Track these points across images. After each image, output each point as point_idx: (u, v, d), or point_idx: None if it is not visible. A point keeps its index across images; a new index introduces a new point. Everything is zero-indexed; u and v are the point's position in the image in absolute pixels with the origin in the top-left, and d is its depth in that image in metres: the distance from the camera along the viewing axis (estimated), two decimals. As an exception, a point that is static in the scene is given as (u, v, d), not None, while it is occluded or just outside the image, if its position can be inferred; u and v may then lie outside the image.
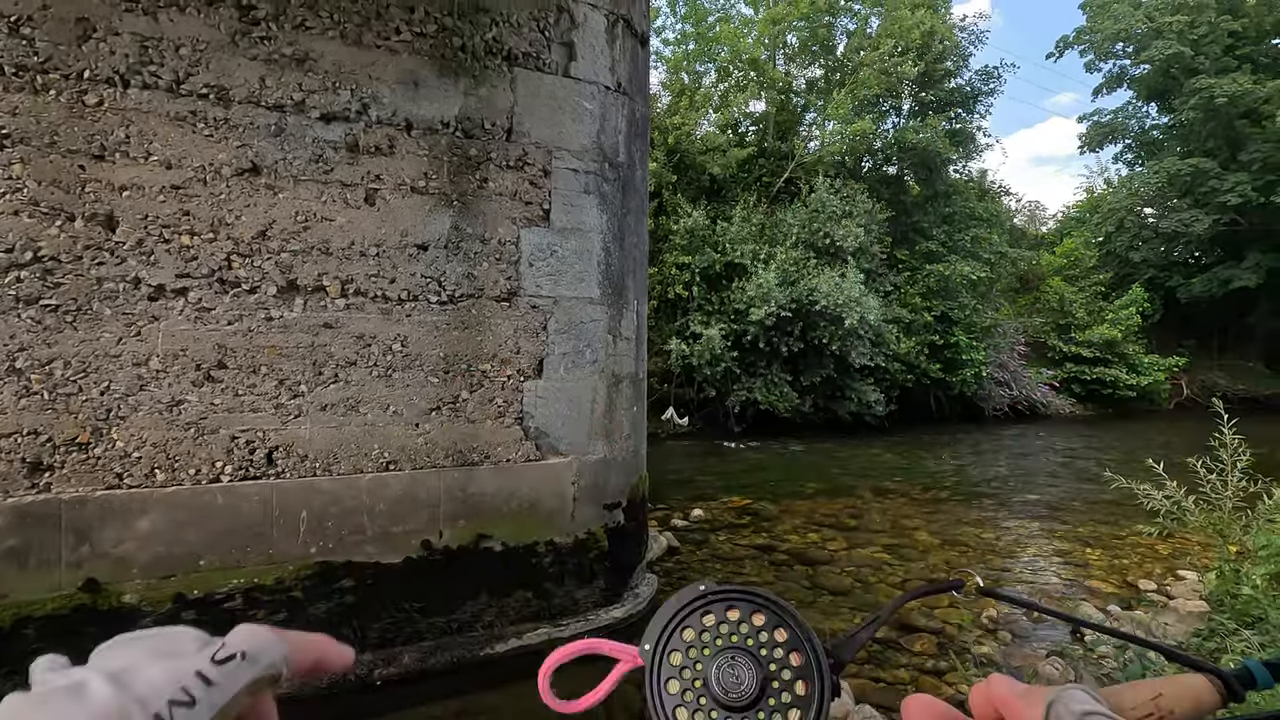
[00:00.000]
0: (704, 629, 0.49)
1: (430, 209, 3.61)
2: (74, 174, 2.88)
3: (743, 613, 0.49)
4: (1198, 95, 23.28)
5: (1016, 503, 8.15)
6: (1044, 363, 19.88)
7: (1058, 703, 0.38)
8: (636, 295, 4.54)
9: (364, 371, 3.45)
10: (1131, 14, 25.54)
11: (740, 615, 0.49)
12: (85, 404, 2.91)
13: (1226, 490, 4.01)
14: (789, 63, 18.51)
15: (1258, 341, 25.05)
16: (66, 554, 2.87)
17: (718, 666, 0.47)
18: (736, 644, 0.48)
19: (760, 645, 0.48)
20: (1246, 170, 22.92)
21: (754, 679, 0.46)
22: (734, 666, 0.47)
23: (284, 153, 3.27)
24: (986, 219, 18.73)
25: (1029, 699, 0.40)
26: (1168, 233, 24.27)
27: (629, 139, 4.39)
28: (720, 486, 8.48)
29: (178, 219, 3.06)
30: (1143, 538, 5.75)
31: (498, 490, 3.79)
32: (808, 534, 6.44)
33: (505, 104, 3.81)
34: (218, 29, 3.12)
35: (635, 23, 4.44)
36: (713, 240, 14.11)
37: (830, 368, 13.95)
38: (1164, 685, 0.51)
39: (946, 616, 4.42)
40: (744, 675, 0.46)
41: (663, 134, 14.74)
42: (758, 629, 0.49)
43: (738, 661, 0.47)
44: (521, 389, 3.86)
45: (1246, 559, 3.81)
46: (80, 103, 2.89)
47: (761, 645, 0.48)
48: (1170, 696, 0.50)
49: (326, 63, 3.35)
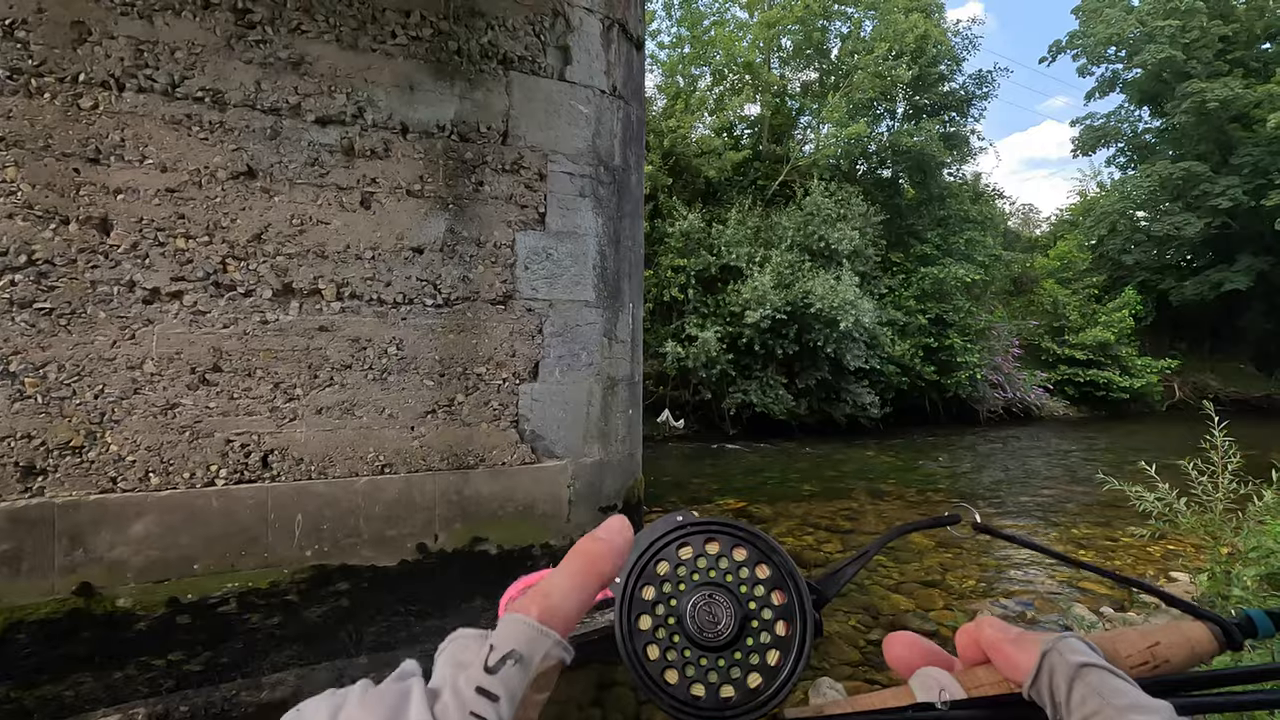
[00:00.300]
0: (680, 562, 0.45)
1: (426, 212, 3.62)
2: (69, 177, 2.88)
3: (723, 546, 0.46)
4: (1189, 99, 23.47)
5: (1011, 505, 8.18)
6: (1038, 365, 19.97)
7: (1053, 651, 0.36)
8: (632, 298, 4.55)
9: (360, 374, 3.45)
10: (1124, 18, 25.74)
11: (720, 549, 0.46)
12: (79, 407, 2.90)
13: (1218, 492, 4.03)
14: (783, 66, 18.58)
15: (1249, 344, 25.23)
16: (60, 558, 2.86)
17: (693, 604, 0.43)
18: (715, 579, 0.45)
19: (740, 582, 0.45)
20: (1237, 174, 23.12)
21: (732, 617, 0.43)
22: (711, 604, 0.43)
23: (279, 156, 3.27)
24: (980, 222, 18.83)
25: (1020, 645, 0.38)
26: (1160, 236, 24.44)
27: (624, 142, 4.41)
28: (716, 489, 8.49)
29: (173, 222, 3.06)
30: (1135, 539, 5.78)
31: (493, 493, 3.79)
32: (803, 536, 6.45)
33: (501, 107, 3.82)
34: (213, 32, 3.12)
35: (630, 27, 4.45)
36: (708, 243, 14.14)
37: (825, 370, 13.99)
38: (1160, 632, 0.49)
39: (941, 619, 4.44)
40: (721, 613, 0.43)
41: (658, 137, 14.77)
42: (738, 564, 0.45)
43: (715, 599, 0.44)
44: (517, 392, 3.86)
45: (1237, 560, 3.83)
46: (75, 106, 2.88)
47: (742, 582, 0.45)
48: (1166, 644, 0.48)
49: (322, 66, 3.36)
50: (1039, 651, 0.36)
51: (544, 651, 0.29)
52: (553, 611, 0.30)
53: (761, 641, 0.43)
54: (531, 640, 0.29)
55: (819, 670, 3.69)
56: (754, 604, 0.44)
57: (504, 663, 0.28)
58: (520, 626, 0.29)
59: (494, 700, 0.27)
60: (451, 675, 0.28)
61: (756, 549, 0.46)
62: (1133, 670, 0.46)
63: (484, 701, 0.27)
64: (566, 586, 0.32)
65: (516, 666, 0.28)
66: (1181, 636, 0.49)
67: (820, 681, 3.51)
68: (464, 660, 0.29)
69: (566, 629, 0.31)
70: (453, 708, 0.27)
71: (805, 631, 0.43)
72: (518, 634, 0.29)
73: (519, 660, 0.28)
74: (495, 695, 0.27)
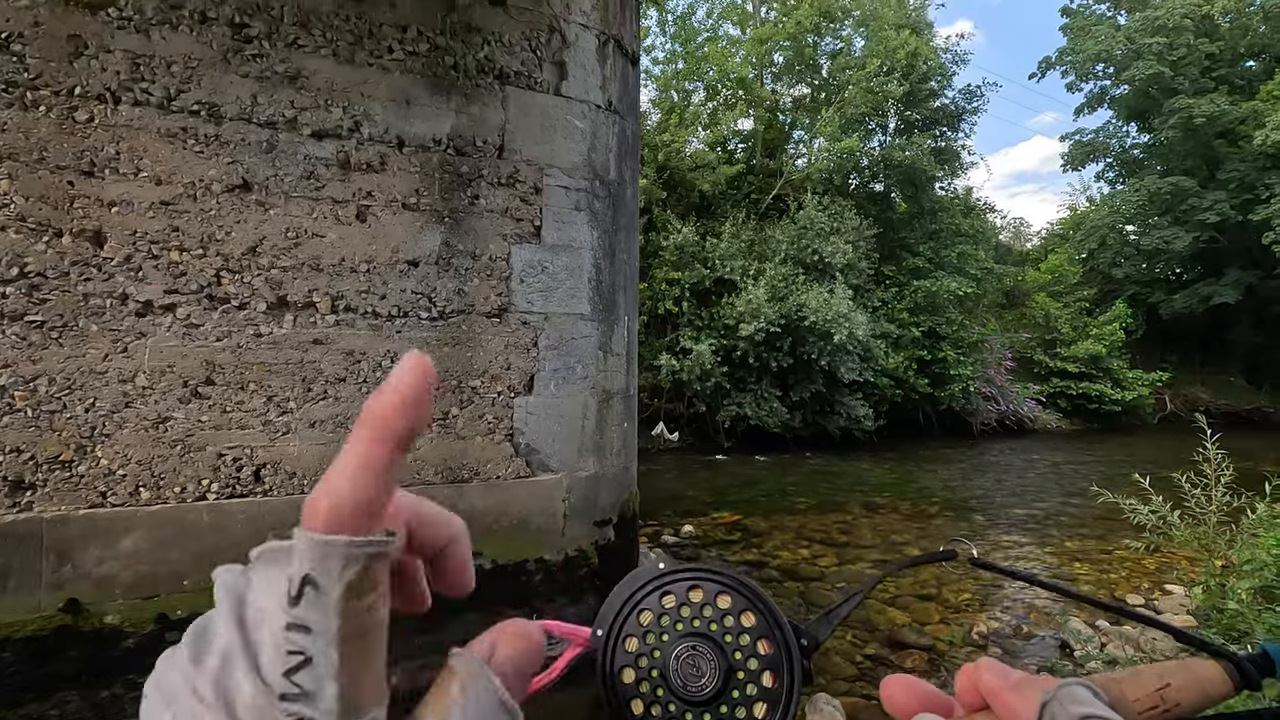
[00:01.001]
0: (663, 611, 0.44)
1: (421, 226, 3.62)
2: (63, 190, 2.87)
3: (707, 594, 0.44)
4: (1176, 115, 23.81)
5: (1004, 517, 8.19)
6: (1030, 378, 20.07)
7: (1054, 702, 0.34)
8: (627, 311, 4.56)
9: (354, 388, 3.44)
10: (1112, 35, 26.15)
11: (704, 597, 0.44)
12: (69, 421, 2.88)
13: (1211, 505, 4.05)
14: (776, 81, 18.77)
15: (1238, 357, 25.43)
16: (48, 574, 2.82)
17: (677, 656, 0.42)
18: (699, 629, 0.43)
19: (725, 631, 0.43)
20: (1224, 188, 23.41)
21: (716, 669, 0.42)
22: (695, 656, 0.42)
23: (275, 169, 3.27)
24: (972, 235, 19.00)
25: (1021, 692, 0.36)
26: (1149, 250, 24.69)
27: (620, 156, 4.43)
28: (710, 502, 8.46)
29: (167, 235, 3.05)
30: (1129, 552, 5.80)
31: (487, 507, 3.77)
32: (798, 550, 6.43)
33: (497, 122, 3.84)
34: (210, 46, 3.13)
35: (626, 42, 4.49)
36: (702, 256, 14.21)
37: (819, 383, 14.02)
38: (1171, 673, 0.46)
39: (937, 633, 4.42)
40: (705, 666, 0.42)
41: (653, 151, 14.88)
42: (723, 612, 0.44)
43: (699, 650, 0.42)
44: (512, 405, 3.85)
45: (1231, 573, 3.84)
46: (70, 119, 2.88)
47: (727, 631, 0.43)
48: (1177, 686, 0.45)
49: (319, 80, 3.37)
50: (1039, 701, 0.34)
51: (339, 565, 0.26)
52: (339, 510, 0.26)
53: (748, 694, 0.42)
54: (321, 558, 0.26)
55: (817, 687, 3.67)
56: (739, 654, 0.43)
57: (302, 592, 0.25)
58: (305, 545, 0.26)
59: (308, 632, 0.25)
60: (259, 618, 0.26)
61: (742, 596, 0.44)
62: (1141, 715, 0.43)
63: (298, 635, 0.25)
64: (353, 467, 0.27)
65: (316, 592, 0.25)
66: (1193, 677, 0.46)
67: (818, 698, 3.49)
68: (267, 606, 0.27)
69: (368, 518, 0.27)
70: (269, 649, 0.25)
71: (793, 683, 0.42)
72: (306, 555, 0.26)
73: (314, 584, 0.25)
74: (307, 626, 0.25)
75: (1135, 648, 3.81)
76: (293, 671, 0.25)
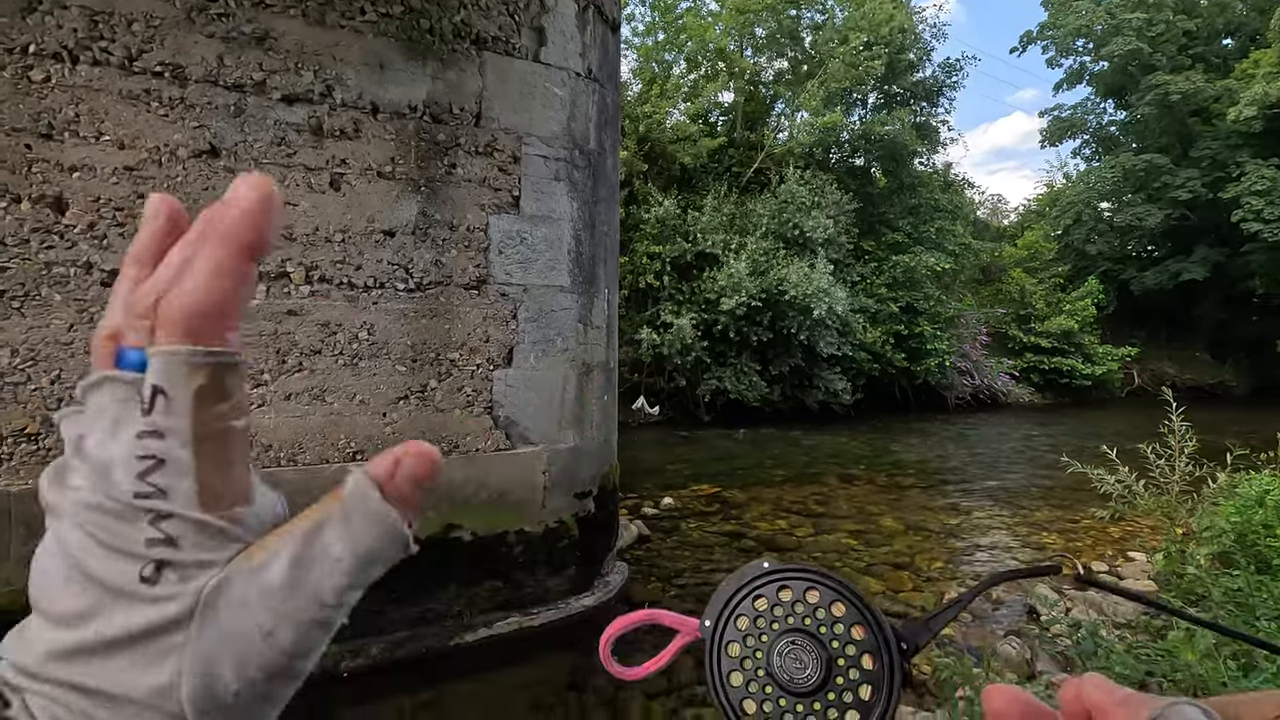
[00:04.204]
0: (758, 614, 0.47)
1: (397, 195, 3.55)
2: (19, 153, 2.76)
3: (795, 591, 0.47)
4: (1153, 92, 23.99)
5: (977, 489, 8.37)
6: (1005, 353, 20.39)
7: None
8: (607, 284, 4.53)
9: (329, 360, 3.39)
10: (1093, 9, 26.15)
11: (794, 595, 0.47)
12: (34, 393, 2.80)
13: (1174, 475, 4.18)
14: (757, 54, 18.55)
15: (1204, 333, 26.04)
16: (17, 548, 2.77)
17: (779, 653, 0.45)
18: (794, 625, 0.46)
19: (819, 623, 0.46)
20: (1196, 166, 23.74)
21: (818, 660, 0.44)
22: (795, 650, 0.45)
23: (244, 134, 3.18)
24: (950, 211, 19.10)
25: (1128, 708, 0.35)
26: (1122, 226, 25.03)
27: (599, 126, 4.36)
28: (690, 475, 8.54)
29: (132, 201, 2.95)
30: (1096, 521, 5.97)
31: (467, 480, 3.76)
32: (776, 521, 6.53)
33: (474, 88, 3.75)
34: (172, 4, 3.01)
35: (606, 8, 4.40)
36: (683, 230, 14.13)
37: (798, 357, 14.13)
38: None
39: (910, 600, 4.54)
40: (806, 658, 0.44)
41: (633, 123, 14.67)
42: (814, 606, 0.46)
43: (798, 644, 0.45)
44: (491, 378, 3.83)
45: (1192, 540, 3.98)
46: (26, 79, 2.76)
47: (820, 623, 0.46)
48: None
49: (288, 42, 3.26)
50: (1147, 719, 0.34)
51: (185, 372, 0.27)
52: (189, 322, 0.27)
53: (851, 679, 0.44)
54: (166, 367, 0.27)
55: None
56: (836, 643, 0.45)
57: (154, 403, 0.26)
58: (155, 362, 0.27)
59: (160, 437, 0.26)
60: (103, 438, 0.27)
61: (830, 589, 0.47)
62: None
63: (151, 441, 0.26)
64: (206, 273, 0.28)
65: (166, 400, 0.26)
66: None
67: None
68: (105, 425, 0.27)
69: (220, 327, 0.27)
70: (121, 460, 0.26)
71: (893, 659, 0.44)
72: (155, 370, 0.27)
73: (163, 393, 0.26)
74: (159, 432, 0.26)
75: (1099, 612, 3.95)
76: (146, 474, 0.26)
